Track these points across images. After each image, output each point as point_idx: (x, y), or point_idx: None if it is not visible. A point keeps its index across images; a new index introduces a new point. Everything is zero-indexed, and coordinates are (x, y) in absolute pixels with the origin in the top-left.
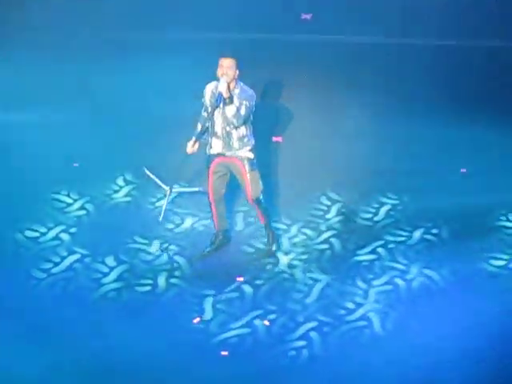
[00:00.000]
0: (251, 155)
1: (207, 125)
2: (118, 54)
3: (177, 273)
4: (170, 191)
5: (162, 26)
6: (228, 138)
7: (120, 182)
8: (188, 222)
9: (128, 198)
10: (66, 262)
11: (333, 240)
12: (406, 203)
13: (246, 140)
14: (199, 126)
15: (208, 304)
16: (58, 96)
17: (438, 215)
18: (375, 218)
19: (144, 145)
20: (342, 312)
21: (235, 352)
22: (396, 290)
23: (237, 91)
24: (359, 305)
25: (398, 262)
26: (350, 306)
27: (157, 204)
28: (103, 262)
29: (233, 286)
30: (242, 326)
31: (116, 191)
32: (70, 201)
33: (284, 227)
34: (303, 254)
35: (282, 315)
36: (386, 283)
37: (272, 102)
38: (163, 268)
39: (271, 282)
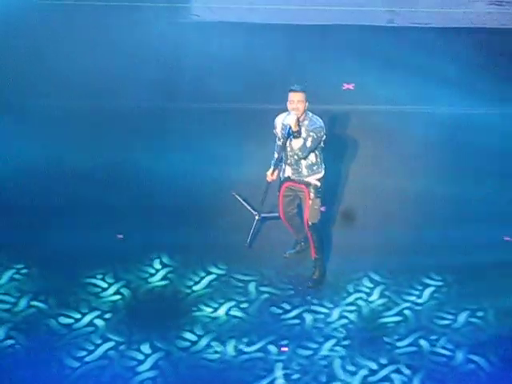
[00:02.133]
0: (318, 184)
1: (282, 154)
2: None
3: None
4: (259, 216)
5: None
6: (297, 166)
7: (157, 264)
8: (224, 308)
9: (165, 282)
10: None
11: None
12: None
13: (315, 168)
14: (275, 155)
15: None
16: None
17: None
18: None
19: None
20: None
21: None
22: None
23: (305, 123)
24: None
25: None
26: None
27: (194, 288)
28: (138, 350)
29: None
30: None
31: (152, 274)
32: (105, 285)
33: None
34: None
35: None
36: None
37: None
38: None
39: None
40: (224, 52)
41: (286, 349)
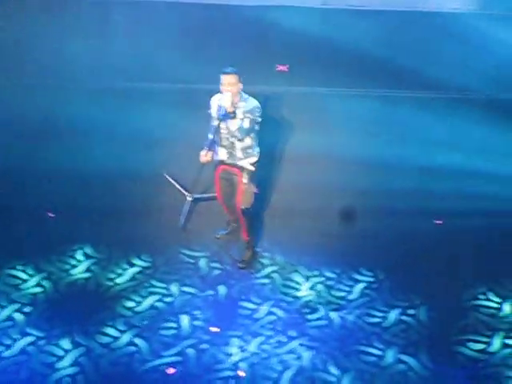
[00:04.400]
0: (252, 168)
1: (217, 135)
2: None
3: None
4: (192, 197)
5: None
6: (232, 148)
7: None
8: (149, 300)
9: (87, 274)
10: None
11: None
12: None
13: (249, 151)
14: (209, 136)
15: None
16: None
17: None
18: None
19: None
20: None
21: None
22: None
23: (241, 104)
24: None
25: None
26: None
27: (117, 281)
28: (58, 345)
29: None
30: None
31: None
32: (25, 277)
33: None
34: None
35: None
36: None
37: None
38: (123, 352)
39: None
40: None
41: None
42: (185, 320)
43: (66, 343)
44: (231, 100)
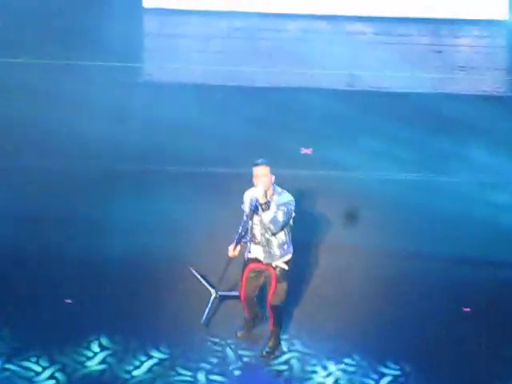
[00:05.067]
0: (286, 267)
1: (247, 229)
2: None
3: None
4: (216, 295)
5: None
6: (268, 246)
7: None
8: None
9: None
10: None
11: None
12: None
13: (285, 247)
14: (240, 230)
15: None
16: None
17: None
18: None
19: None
20: None
21: None
22: None
23: (275, 197)
24: None
25: None
26: None
27: (134, 373)
28: None
29: None
30: None
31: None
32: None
33: None
34: None
35: None
36: None
37: None
38: None
39: None
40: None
41: None
42: None
43: None
44: (264, 191)
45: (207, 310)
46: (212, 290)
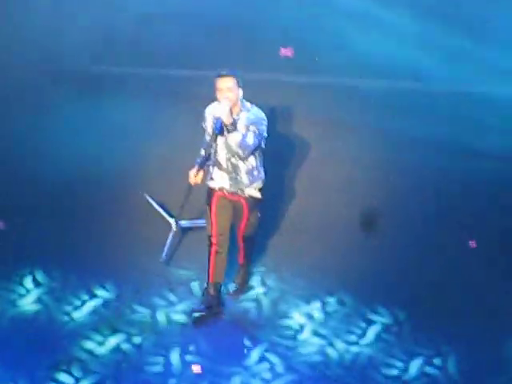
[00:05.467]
0: (258, 195)
1: (210, 151)
2: None
3: None
4: (177, 225)
5: None
6: (235, 172)
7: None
8: (112, 341)
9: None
10: None
11: None
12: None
13: (255, 173)
14: (202, 152)
15: None
16: None
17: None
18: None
19: None
20: None
21: None
22: None
23: (243, 115)
24: None
25: None
26: None
27: (73, 315)
28: None
29: None
30: None
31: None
32: None
33: None
34: None
35: None
36: None
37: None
38: None
39: None
40: None
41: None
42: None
43: None
44: (229, 109)
45: (167, 244)
46: (171, 220)
